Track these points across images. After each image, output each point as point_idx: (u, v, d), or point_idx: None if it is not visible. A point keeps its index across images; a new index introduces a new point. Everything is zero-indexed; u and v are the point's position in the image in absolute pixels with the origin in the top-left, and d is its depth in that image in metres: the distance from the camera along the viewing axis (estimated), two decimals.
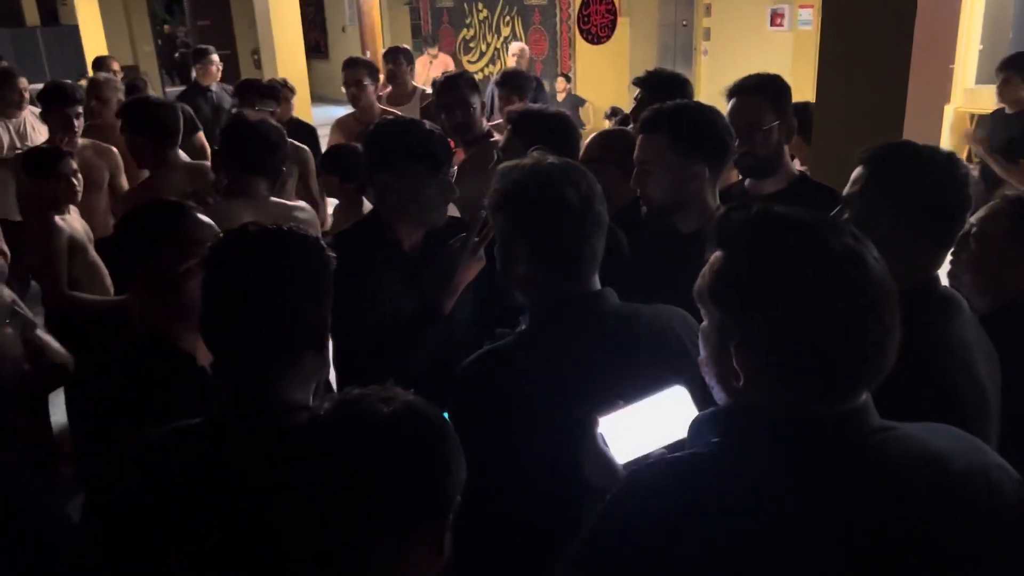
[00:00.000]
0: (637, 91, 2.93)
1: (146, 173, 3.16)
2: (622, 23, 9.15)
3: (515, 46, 6.35)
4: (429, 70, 7.59)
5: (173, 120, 3.07)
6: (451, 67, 7.54)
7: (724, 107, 2.16)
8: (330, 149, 3.47)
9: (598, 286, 1.46)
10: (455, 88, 3.11)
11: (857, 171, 1.51)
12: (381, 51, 8.72)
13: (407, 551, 0.93)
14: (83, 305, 2.98)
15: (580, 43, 9.15)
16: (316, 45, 13.92)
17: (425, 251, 1.96)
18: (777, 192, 2.20)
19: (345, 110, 4.43)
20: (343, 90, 4.18)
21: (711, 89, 3.05)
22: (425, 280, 1.85)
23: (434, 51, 8.57)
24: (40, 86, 4.16)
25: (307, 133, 4.63)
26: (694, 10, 9.49)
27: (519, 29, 9.74)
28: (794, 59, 7.48)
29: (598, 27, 9.10)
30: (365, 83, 4.13)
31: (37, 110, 4.86)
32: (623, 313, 1.44)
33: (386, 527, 0.92)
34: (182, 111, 3.36)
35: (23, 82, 4.67)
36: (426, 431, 0.95)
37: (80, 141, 3.69)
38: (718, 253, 0.96)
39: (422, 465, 0.94)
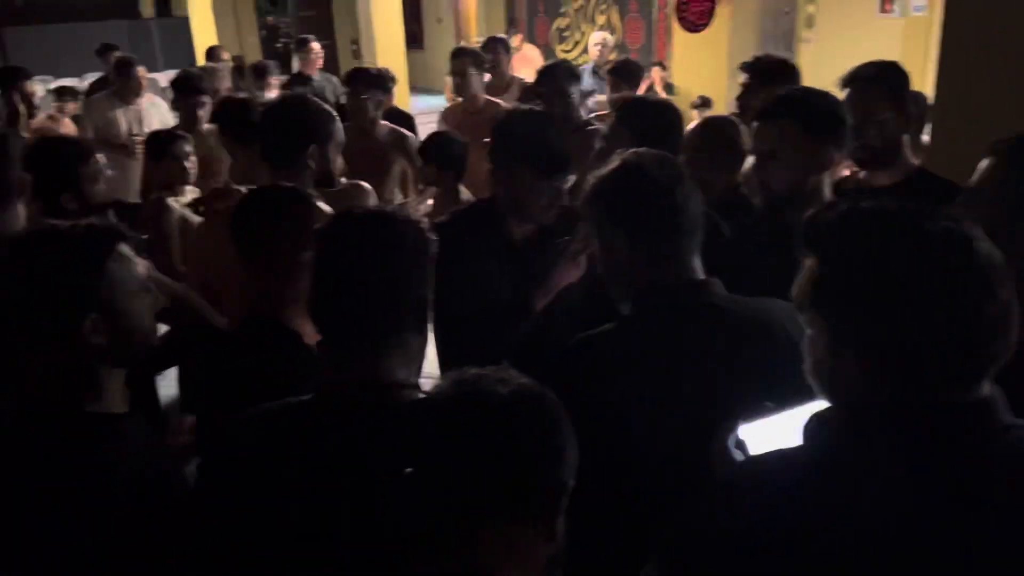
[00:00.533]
0: (742, 78, 2.85)
1: None
2: (721, 10, 8.92)
3: (597, 35, 6.28)
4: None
5: None
6: (536, 59, 7.47)
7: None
8: (430, 137, 3.52)
9: (701, 275, 1.44)
10: (553, 78, 3.09)
11: (988, 162, 1.43)
12: (475, 42, 8.77)
13: (518, 535, 0.94)
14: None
15: (677, 31, 8.97)
16: (412, 36, 14.10)
17: (536, 244, 1.97)
18: (894, 185, 2.11)
19: (439, 100, 4.50)
20: (446, 79, 4.25)
21: (814, 79, 2.96)
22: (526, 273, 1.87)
23: (516, 41, 8.53)
24: (155, 75, 4.37)
25: (405, 121, 4.72)
26: None
27: (615, 18, 9.62)
28: (904, 47, 7.13)
29: (696, 14, 8.90)
30: (471, 72, 4.17)
31: (155, 97, 5.12)
32: (727, 304, 1.42)
33: (499, 509, 0.93)
34: None
35: (141, 70, 4.92)
36: (543, 414, 0.96)
37: (206, 127, 3.85)
38: (812, 260, 0.94)
39: (538, 448, 0.94)
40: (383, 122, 3.84)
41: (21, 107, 4.56)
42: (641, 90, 3.88)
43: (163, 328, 2.01)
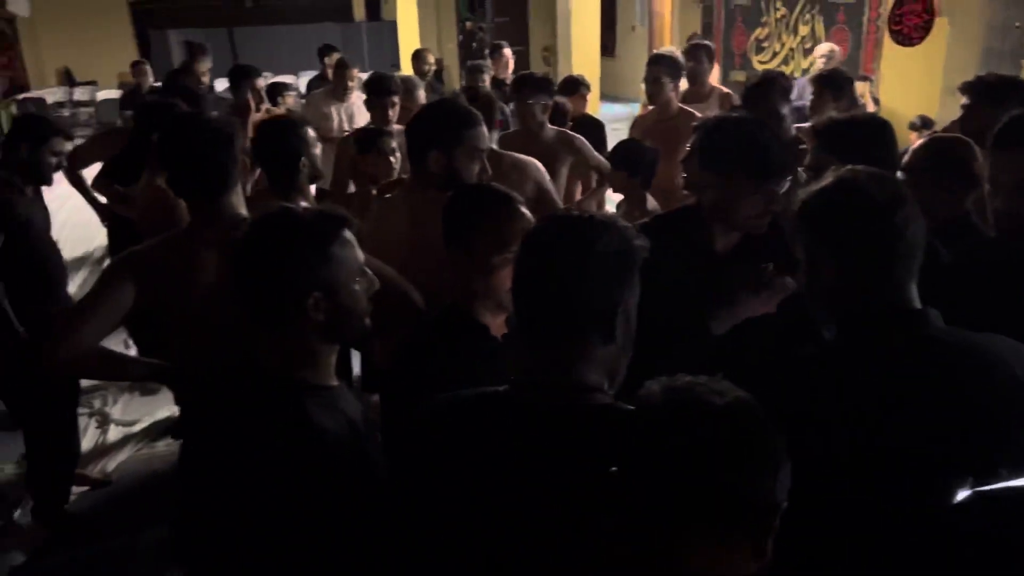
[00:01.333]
0: (962, 99, 2.64)
1: None
2: (939, 24, 8.28)
3: (823, 47, 6.00)
4: None
5: None
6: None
7: None
8: (620, 144, 3.52)
9: (918, 304, 1.34)
10: (766, 96, 2.92)
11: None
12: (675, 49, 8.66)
13: (727, 549, 0.92)
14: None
15: (888, 44, 8.42)
16: (605, 44, 14.16)
17: (738, 255, 1.91)
18: None
19: (629, 108, 4.47)
20: (641, 87, 4.22)
21: None
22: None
23: None
24: (363, 75, 4.67)
25: (596, 128, 4.75)
26: None
27: (819, 28, 9.18)
28: None
29: (911, 27, 8.31)
30: (665, 80, 4.12)
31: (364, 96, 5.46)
32: (946, 336, 1.31)
33: (708, 521, 0.91)
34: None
35: (354, 71, 5.27)
36: (759, 429, 0.93)
37: (396, 127, 4.07)
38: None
39: (753, 461, 0.92)
40: (550, 125, 3.91)
41: (251, 101, 5.02)
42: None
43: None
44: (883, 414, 1.21)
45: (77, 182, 4.26)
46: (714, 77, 4.99)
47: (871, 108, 7.74)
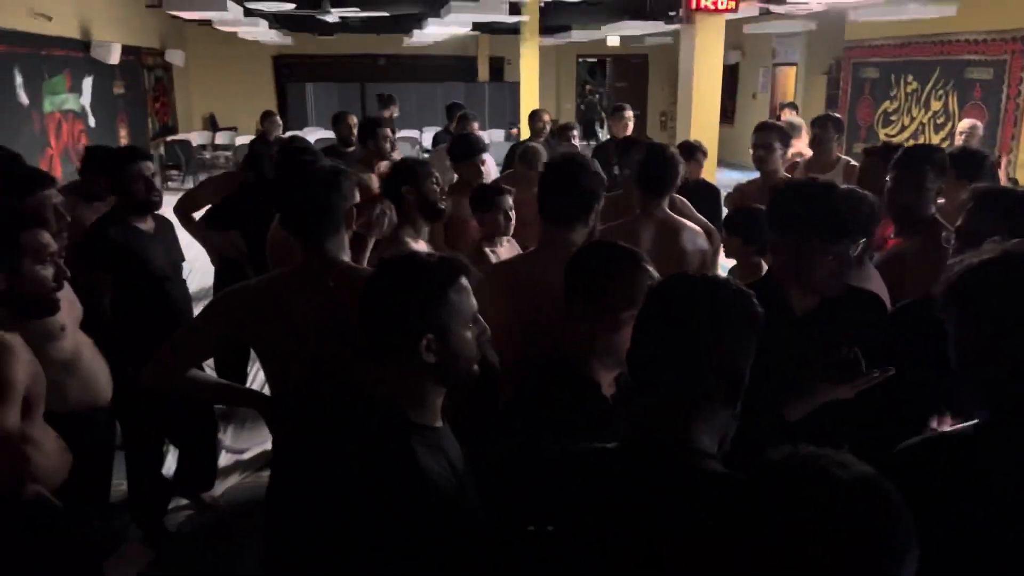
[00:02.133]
0: None
1: None
2: None
3: (966, 123, 5.77)
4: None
5: None
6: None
7: None
8: (737, 210, 3.48)
9: None
10: (910, 165, 2.69)
11: None
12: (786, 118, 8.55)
13: None
14: None
15: None
16: (724, 111, 14.14)
17: (820, 318, 1.87)
18: None
19: (746, 175, 4.41)
20: (750, 152, 4.18)
21: None
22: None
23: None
24: (483, 133, 4.81)
25: (711, 193, 4.72)
26: None
27: (953, 104, 8.87)
28: None
29: None
30: (775, 147, 4.07)
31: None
32: None
33: None
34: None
35: (474, 124, 5.44)
36: (886, 506, 0.89)
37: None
38: None
39: (878, 541, 0.87)
40: None
41: (381, 150, 5.23)
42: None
43: None
44: None
45: (187, 222, 4.39)
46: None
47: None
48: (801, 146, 5.80)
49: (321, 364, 1.90)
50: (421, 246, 2.96)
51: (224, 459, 4.12)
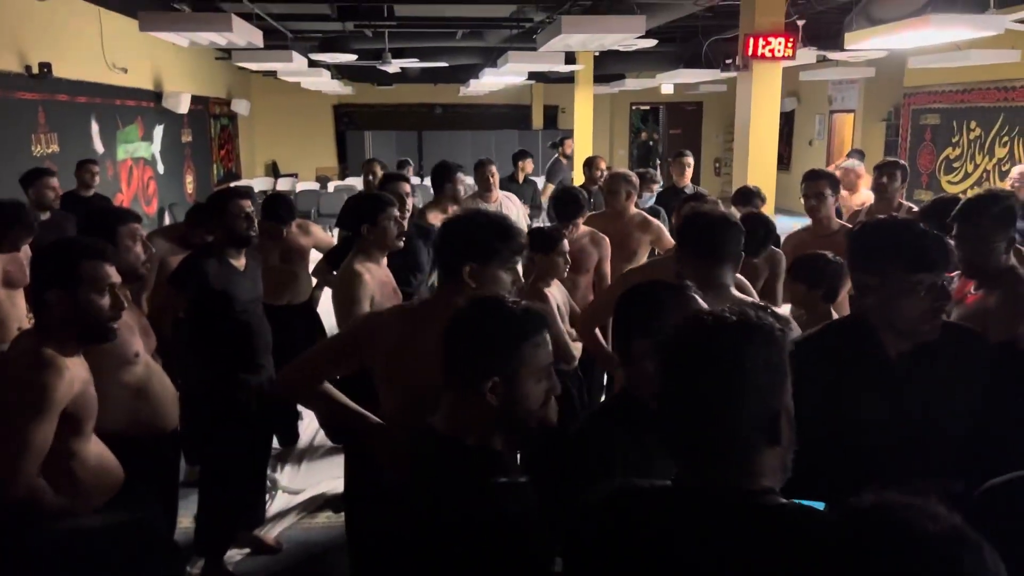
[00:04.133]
0: None
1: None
2: None
3: (1017, 169, 5.65)
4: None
5: None
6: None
7: None
8: (801, 257, 3.43)
9: None
10: (977, 215, 2.54)
11: None
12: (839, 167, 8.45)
13: None
14: None
15: None
16: (780, 157, 14.05)
17: (916, 362, 1.81)
18: None
19: (801, 221, 4.37)
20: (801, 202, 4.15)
21: None
22: None
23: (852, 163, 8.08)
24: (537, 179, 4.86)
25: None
26: None
27: (1019, 150, 8.66)
28: None
29: None
30: (826, 195, 4.04)
31: (509, 194, 5.69)
32: None
33: None
34: None
35: (492, 167, 5.46)
36: (975, 564, 0.86)
37: (582, 228, 4.18)
38: None
39: None
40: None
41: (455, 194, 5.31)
42: None
43: None
44: None
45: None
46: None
47: None
48: (866, 194, 5.73)
49: (431, 398, 1.97)
50: (382, 272, 3.17)
51: (280, 500, 4.15)
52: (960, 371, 1.78)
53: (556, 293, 3.62)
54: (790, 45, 6.37)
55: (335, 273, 4.12)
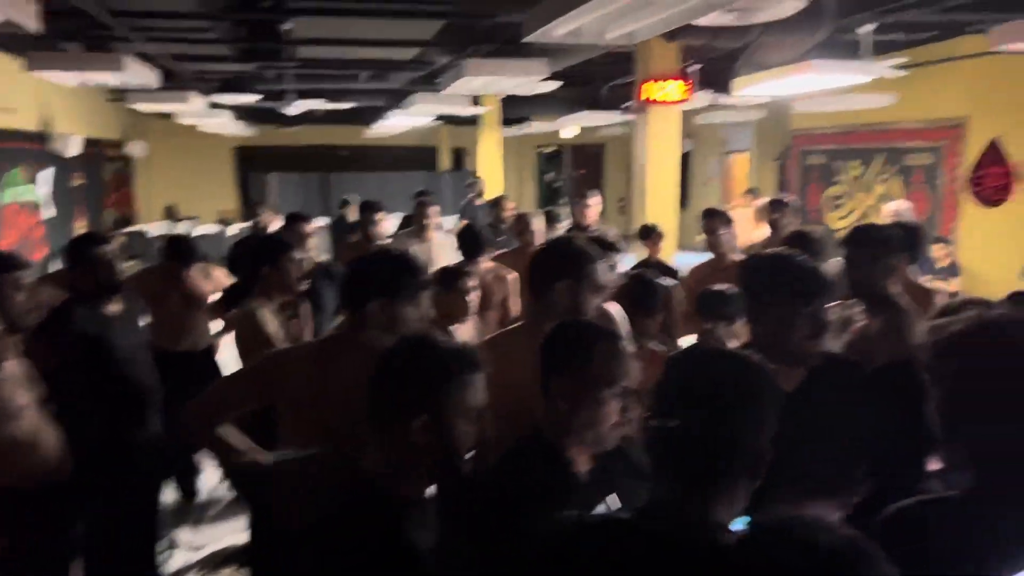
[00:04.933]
0: None
1: None
2: (1020, 186, 8.26)
3: (891, 205, 6.03)
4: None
5: None
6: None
7: None
8: (702, 293, 3.55)
9: None
10: (858, 243, 2.76)
11: None
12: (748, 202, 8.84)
13: None
14: None
15: (967, 205, 8.41)
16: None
17: (805, 394, 1.89)
18: None
19: (697, 256, 4.59)
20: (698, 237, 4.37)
21: None
22: None
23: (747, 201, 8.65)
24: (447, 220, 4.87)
25: (670, 274, 4.86)
26: None
27: (895, 188, 9.26)
28: None
29: (991, 190, 8.31)
30: (722, 232, 4.29)
31: (444, 236, 5.70)
32: None
33: None
34: None
35: (431, 209, 5.50)
36: (870, 569, 0.89)
37: (486, 265, 4.21)
38: None
39: None
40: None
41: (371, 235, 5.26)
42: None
43: None
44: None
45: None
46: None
47: (945, 274, 7.65)
48: (766, 229, 6.00)
49: (343, 432, 1.92)
50: (270, 323, 3.09)
51: (180, 558, 3.96)
52: (841, 397, 1.87)
53: (464, 332, 3.62)
54: (685, 90, 6.66)
55: (229, 316, 4.03)
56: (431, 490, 1.56)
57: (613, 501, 1.63)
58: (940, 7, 5.22)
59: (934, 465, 1.90)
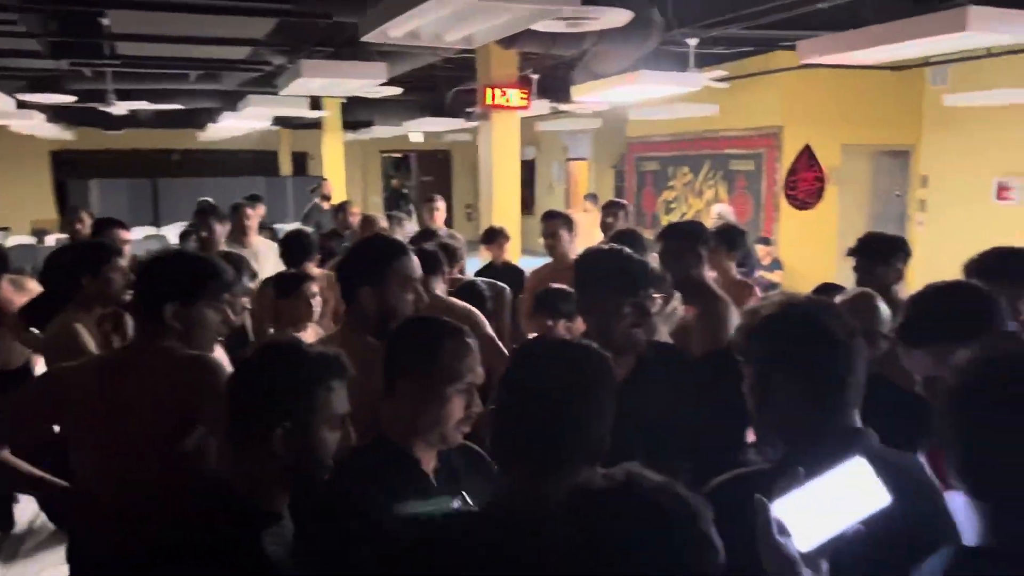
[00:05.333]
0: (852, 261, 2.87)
1: None
2: (831, 191, 9.04)
3: (715, 208, 6.43)
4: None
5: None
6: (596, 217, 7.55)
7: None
8: (541, 292, 3.62)
9: (859, 423, 1.40)
10: (667, 237, 3.07)
11: None
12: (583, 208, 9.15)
13: None
14: None
15: (785, 209, 9.09)
16: (524, 202, 14.83)
17: (633, 381, 1.97)
18: None
19: (544, 260, 4.68)
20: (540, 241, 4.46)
21: (929, 264, 2.97)
22: None
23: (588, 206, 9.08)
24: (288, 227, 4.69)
25: (517, 275, 4.92)
26: (908, 180, 9.21)
27: (722, 193, 9.87)
28: None
29: (805, 193, 9.04)
30: (561, 234, 4.38)
31: (268, 241, 5.49)
32: (884, 455, 1.35)
33: None
34: None
35: (249, 211, 5.27)
36: (683, 510, 0.92)
37: (317, 272, 4.09)
38: None
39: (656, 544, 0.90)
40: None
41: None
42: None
43: None
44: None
45: None
46: None
47: (765, 272, 8.25)
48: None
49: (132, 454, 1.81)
50: (87, 337, 2.88)
51: None
52: (669, 384, 1.96)
53: (307, 339, 3.51)
54: (524, 96, 6.80)
55: (33, 331, 3.69)
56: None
57: (463, 497, 1.62)
58: (756, 23, 5.60)
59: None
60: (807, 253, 8.77)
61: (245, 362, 1.50)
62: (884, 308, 2.52)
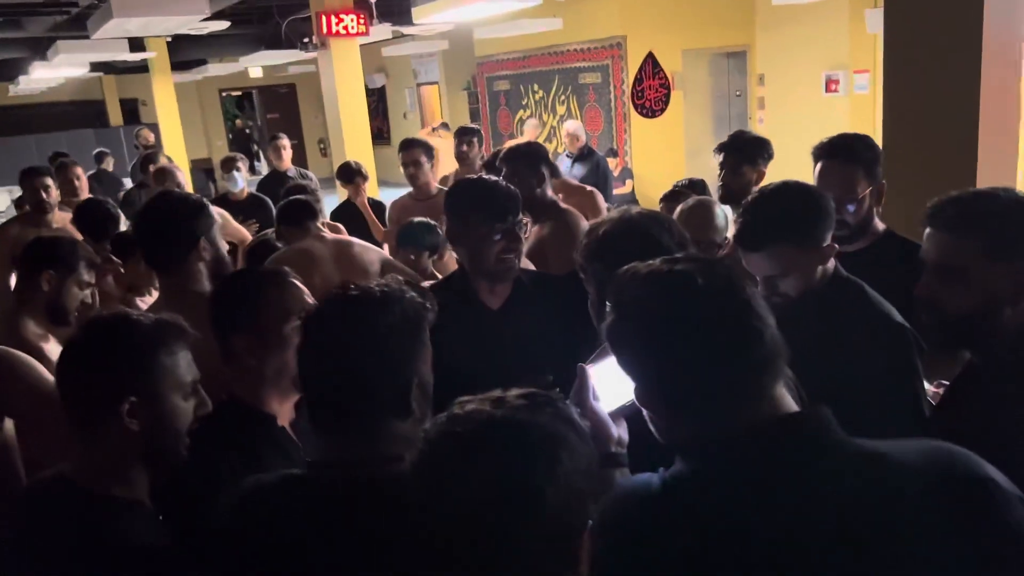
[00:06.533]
0: (719, 158, 2.92)
1: None
2: (676, 96, 9.30)
3: (567, 125, 6.44)
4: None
5: None
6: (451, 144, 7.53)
7: (786, 173, 2.03)
8: (405, 226, 3.56)
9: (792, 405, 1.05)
10: (508, 159, 3.09)
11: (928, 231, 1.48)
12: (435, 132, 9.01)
13: (534, 565, 0.87)
14: None
15: (635, 118, 9.30)
16: (379, 132, 14.45)
17: (510, 308, 1.98)
18: (861, 250, 2.13)
19: (404, 191, 4.55)
20: (402, 171, 4.33)
21: (773, 158, 3.13)
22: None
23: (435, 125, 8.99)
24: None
25: (378, 209, 4.83)
26: (747, 80, 9.58)
27: (575, 107, 9.96)
28: (851, 123, 7.46)
29: (652, 101, 9.26)
30: (422, 162, 4.25)
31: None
32: (863, 450, 0.98)
33: (499, 542, 0.86)
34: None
35: (77, 170, 4.89)
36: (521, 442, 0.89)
37: None
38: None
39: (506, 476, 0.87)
40: None
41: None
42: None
43: None
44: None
45: None
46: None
47: (621, 180, 8.48)
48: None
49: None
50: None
51: None
52: (545, 308, 1.98)
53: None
54: (363, 22, 6.53)
55: None
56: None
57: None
58: None
59: None
60: (657, 160, 9.04)
61: (72, 340, 1.39)
62: (720, 215, 2.63)
